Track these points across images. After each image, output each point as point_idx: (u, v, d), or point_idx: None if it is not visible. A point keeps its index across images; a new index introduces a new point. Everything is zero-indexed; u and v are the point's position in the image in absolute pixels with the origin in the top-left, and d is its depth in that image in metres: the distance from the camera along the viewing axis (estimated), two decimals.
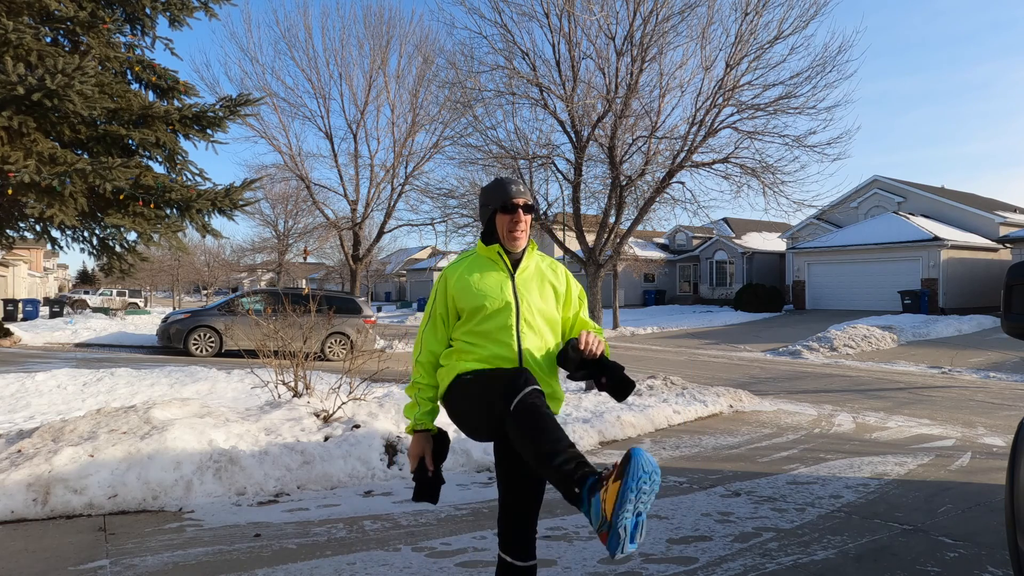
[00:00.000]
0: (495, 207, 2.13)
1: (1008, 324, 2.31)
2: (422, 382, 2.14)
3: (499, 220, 2.13)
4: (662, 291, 35.48)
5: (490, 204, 2.14)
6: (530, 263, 2.19)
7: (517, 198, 2.11)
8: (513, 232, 2.11)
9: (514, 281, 2.12)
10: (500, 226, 2.13)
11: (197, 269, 38.53)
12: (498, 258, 2.14)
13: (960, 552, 3.46)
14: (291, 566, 3.13)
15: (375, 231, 22.33)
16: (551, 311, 2.16)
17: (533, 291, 2.13)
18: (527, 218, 2.14)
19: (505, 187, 2.13)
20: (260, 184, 15.17)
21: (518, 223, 2.10)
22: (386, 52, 19.80)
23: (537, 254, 2.24)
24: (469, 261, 2.19)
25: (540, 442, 1.74)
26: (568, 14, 8.34)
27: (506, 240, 2.13)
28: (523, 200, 2.12)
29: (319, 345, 13.04)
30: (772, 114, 8.46)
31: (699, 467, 5.28)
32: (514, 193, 2.11)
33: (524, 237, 2.14)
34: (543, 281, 2.18)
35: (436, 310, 2.15)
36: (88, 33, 9.02)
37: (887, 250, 23.86)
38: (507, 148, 8.95)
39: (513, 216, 2.10)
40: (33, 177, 7.61)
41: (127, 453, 4.16)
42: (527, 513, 2.10)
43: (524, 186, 2.19)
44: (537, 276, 2.18)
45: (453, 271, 2.16)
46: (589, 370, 2.01)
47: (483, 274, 2.11)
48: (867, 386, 10.31)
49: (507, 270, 2.13)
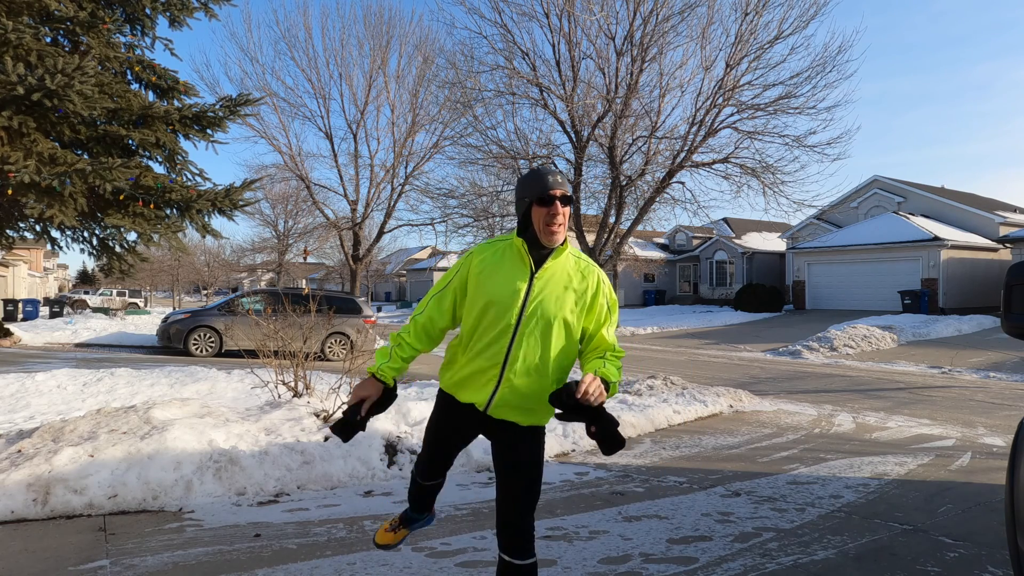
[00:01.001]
0: (531, 199, 2.02)
1: (1008, 324, 2.31)
2: (407, 340, 2.14)
3: (535, 213, 2.02)
4: (662, 291, 35.48)
5: (526, 196, 2.03)
6: (556, 263, 2.07)
7: (555, 189, 2.00)
8: (551, 226, 1.99)
9: (531, 282, 2.03)
10: (536, 219, 2.02)
11: (197, 269, 38.56)
12: (524, 253, 2.05)
13: (960, 552, 3.46)
14: (291, 566, 3.12)
15: (375, 231, 22.36)
16: (567, 317, 2.05)
17: (550, 294, 2.03)
18: (565, 211, 2.03)
19: (542, 178, 2.02)
20: (260, 184, 15.18)
21: (555, 216, 1.98)
22: (386, 52, 19.82)
23: (571, 255, 2.12)
24: (500, 248, 2.11)
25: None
26: (568, 14, 8.35)
27: (542, 234, 2.02)
28: (561, 191, 2.01)
29: (319, 345, 13.03)
30: (772, 114, 8.48)
31: (699, 467, 5.28)
32: (551, 184, 2.00)
33: (562, 231, 2.03)
34: (565, 286, 2.06)
35: (453, 283, 2.12)
36: (88, 33, 9.03)
37: (887, 250, 23.86)
38: (507, 148, 8.96)
39: (550, 208, 1.99)
40: (33, 177, 7.61)
41: (127, 453, 4.16)
42: (523, 511, 2.08)
43: (563, 176, 2.08)
44: (561, 279, 2.06)
45: (481, 252, 2.11)
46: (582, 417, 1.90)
47: (504, 266, 2.05)
48: (867, 386, 10.31)
49: (529, 268, 2.05)
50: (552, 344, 2.04)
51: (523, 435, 2.12)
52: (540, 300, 2.01)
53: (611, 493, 4.47)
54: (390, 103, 20.02)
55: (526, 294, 2.01)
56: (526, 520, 2.08)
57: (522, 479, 2.09)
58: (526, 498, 2.09)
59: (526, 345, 2.02)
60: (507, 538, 2.07)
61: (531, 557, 2.07)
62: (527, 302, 2.01)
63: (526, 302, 2.01)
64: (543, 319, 2.01)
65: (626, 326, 23.01)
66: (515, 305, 2.00)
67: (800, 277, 27.27)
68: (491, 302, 2.01)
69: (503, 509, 2.09)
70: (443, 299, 2.13)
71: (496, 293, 2.02)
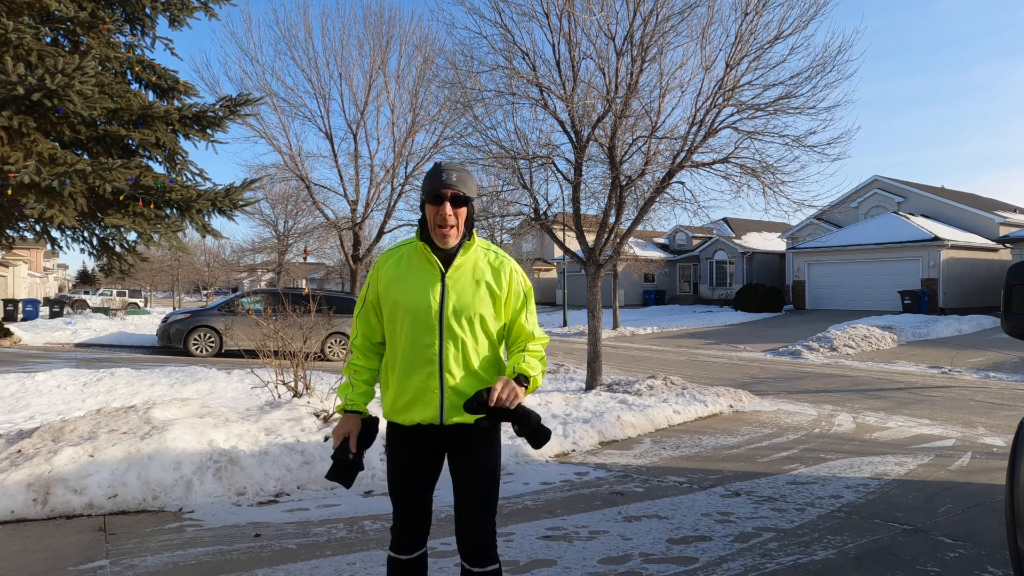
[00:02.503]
0: (423, 196, 1.90)
1: (1008, 324, 2.31)
2: (359, 364, 2.06)
3: (428, 212, 1.90)
4: (662, 291, 35.48)
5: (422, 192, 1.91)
6: (466, 260, 1.97)
7: (447, 188, 1.84)
8: (441, 228, 1.87)
9: (444, 282, 1.93)
10: (429, 219, 1.90)
11: (197, 269, 38.56)
12: (429, 254, 1.94)
13: (960, 552, 3.46)
14: (291, 566, 3.12)
15: (375, 231, 22.35)
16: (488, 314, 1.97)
17: (466, 293, 1.94)
18: (459, 211, 1.88)
19: (436, 174, 1.87)
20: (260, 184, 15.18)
21: (446, 216, 1.85)
22: (386, 52, 19.79)
23: (481, 249, 2.02)
24: (403, 253, 2.01)
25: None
26: (568, 14, 8.33)
27: (434, 235, 1.90)
28: (452, 191, 1.85)
29: (319, 345, 13.04)
30: (772, 114, 8.46)
31: (699, 467, 5.28)
32: (444, 181, 1.84)
33: (455, 234, 1.90)
34: (477, 280, 1.96)
35: (369, 299, 2.04)
36: (88, 33, 9.02)
37: (887, 250, 23.86)
38: (507, 148, 8.95)
39: (439, 209, 1.85)
40: (33, 177, 7.61)
41: (127, 453, 4.16)
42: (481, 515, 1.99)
43: (466, 174, 1.92)
44: (472, 275, 1.96)
45: (384, 262, 2.01)
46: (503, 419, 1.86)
47: (412, 272, 1.96)
48: (867, 386, 10.31)
49: (438, 269, 1.94)
50: (478, 341, 1.96)
51: (476, 436, 2.01)
52: (456, 299, 1.93)
53: (611, 493, 4.47)
54: (390, 103, 20.01)
55: (441, 296, 1.92)
56: (485, 525, 1.99)
57: (479, 481, 1.99)
58: (484, 501, 1.99)
59: (453, 347, 1.94)
60: (466, 544, 1.99)
61: (492, 564, 1.98)
62: (443, 303, 1.92)
63: (443, 304, 1.92)
64: (464, 317, 1.93)
65: (626, 326, 23.00)
66: (432, 309, 1.92)
67: (800, 277, 27.27)
68: (406, 310, 1.93)
69: (461, 515, 2.00)
70: (368, 316, 2.06)
71: (409, 300, 1.93)
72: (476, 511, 1.99)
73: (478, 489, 1.99)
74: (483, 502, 1.99)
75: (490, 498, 2.01)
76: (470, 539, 1.98)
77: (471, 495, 1.99)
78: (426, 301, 1.92)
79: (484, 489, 2.00)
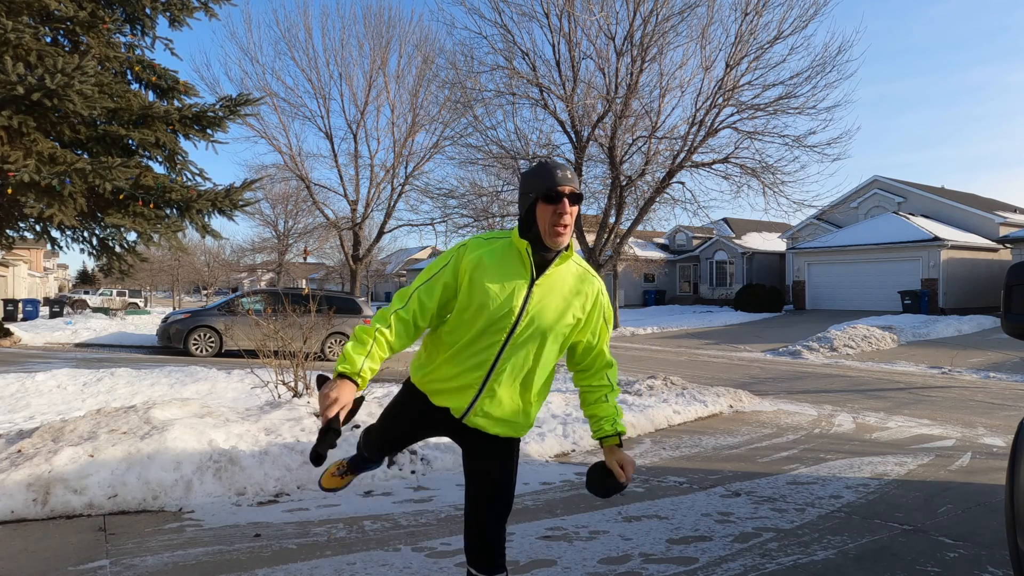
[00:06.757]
0: (537, 195, 1.81)
1: (1008, 324, 2.30)
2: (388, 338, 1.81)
3: (540, 211, 1.81)
4: (662, 291, 35.49)
5: (531, 191, 1.83)
6: (558, 271, 1.90)
7: (564, 185, 1.79)
8: (556, 226, 1.80)
9: (531, 289, 1.85)
10: (541, 219, 1.81)
11: (197, 269, 38.58)
12: (525, 256, 1.86)
13: (960, 552, 3.46)
14: (291, 566, 3.12)
15: (375, 231, 22.37)
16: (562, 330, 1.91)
17: (548, 305, 1.87)
18: (574, 210, 1.83)
19: (550, 172, 1.81)
20: (260, 184, 15.19)
21: (563, 215, 1.79)
22: (386, 52, 19.80)
23: (573, 260, 1.95)
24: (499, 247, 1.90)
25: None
26: (568, 14, 8.35)
27: (547, 235, 1.82)
28: (570, 188, 1.81)
29: (319, 345, 13.04)
30: (772, 114, 8.48)
31: (699, 467, 5.28)
32: (560, 179, 1.79)
33: (568, 233, 1.84)
34: (565, 296, 1.90)
35: (443, 276, 1.88)
36: (88, 33, 9.03)
37: (887, 250, 23.86)
38: (507, 148, 8.96)
39: (557, 207, 1.79)
40: (33, 177, 7.61)
41: (127, 453, 4.16)
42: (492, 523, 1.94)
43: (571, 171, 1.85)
44: (561, 288, 1.89)
45: (476, 247, 1.89)
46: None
47: (503, 269, 1.85)
48: (867, 386, 10.30)
49: (530, 273, 1.86)
50: (544, 357, 1.92)
51: (497, 444, 1.97)
52: (538, 310, 1.85)
53: None
54: (390, 103, 20.03)
55: (524, 302, 1.84)
56: (496, 533, 1.93)
57: (494, 490, 1.94)
58: (497, 509, 1.94)
59: (515, 356, 1.87)
60: (475, 551, 1.93)
61: (500, 573, 1.92)
62: (524, 311, 1.84)
63: (523, 311, 1.84)
64: (538, 331, 1.86)
65: (626, 326, 23.01)
66: (511, 314, 1.83)
67: (800, 277, 27.28)
68: (484, 306, 1.82)
69: (471, 520, 1.95)
70: (431, 292, 1.87)
71: (492, 298, 1.82)
72: (492, 519, 1.94)
73: (494, 498, 1.95)
74: (500, 510, 1.95)
75: (505, 507, 1.97)
76: (483, 547, 1.93)
77: (486, 504, 1.95)
78: (507, 303, 1.83)
79: (500, 499, 1.95)
